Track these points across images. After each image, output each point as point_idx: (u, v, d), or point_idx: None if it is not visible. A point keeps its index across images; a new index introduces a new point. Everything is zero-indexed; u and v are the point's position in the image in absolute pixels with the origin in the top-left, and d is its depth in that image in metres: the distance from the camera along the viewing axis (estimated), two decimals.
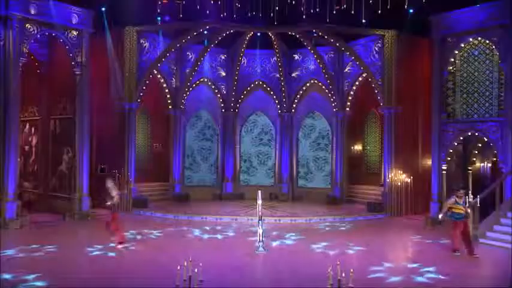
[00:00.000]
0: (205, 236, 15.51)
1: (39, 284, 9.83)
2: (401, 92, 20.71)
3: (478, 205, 15.42)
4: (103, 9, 19.54)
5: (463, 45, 17.94)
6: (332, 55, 23.93)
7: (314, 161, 24.96)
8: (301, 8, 17.86)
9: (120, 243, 13.40)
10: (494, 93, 17.27)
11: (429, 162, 19.23)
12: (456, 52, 18.08)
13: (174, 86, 23.92)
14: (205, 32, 23.01)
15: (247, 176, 25.82)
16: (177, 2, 19.39)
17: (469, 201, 15.65)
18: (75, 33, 18.62)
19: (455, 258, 12.83)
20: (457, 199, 13.40)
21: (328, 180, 24.43)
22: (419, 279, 10.72)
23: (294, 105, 25.18)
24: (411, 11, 18.52)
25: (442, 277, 10.84)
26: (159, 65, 22.35)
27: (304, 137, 25.30)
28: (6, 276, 10.20)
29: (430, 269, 11.44)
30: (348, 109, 23.58)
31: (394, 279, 10.65)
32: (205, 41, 23.70)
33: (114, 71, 20.61)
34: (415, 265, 11.85)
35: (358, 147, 24.21)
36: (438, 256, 13.00)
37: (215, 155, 25.60)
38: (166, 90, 23.64)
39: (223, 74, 25.43)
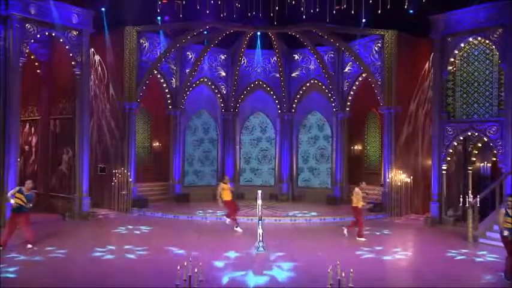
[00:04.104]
0: (205, 236, 15.50)
1: None
2: (401, 92, 20.71)
3: (478, 205, 15.43)
4: (103, 9, 19.53)
5: (463, 45, 17.93)
6: (332, 55, 23.93)
7: (314, 158, 24.91)
8: (301, 8, 17.86)
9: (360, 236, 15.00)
10: (494, 93, 17.25)
11: (429, 162, 19.23)
12: (456, 52, 18.07)
13: (174, 86, 23.90)
14: (205, 32, 23.02)
15: (247, 175, 25.82)
16: (177, 2, 19.39)
17: (469, 202, 15.71)
18: (75, 33, 18.62)
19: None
20: (508, 210, 10.63)
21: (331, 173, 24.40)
22: None
23: (294, 105, 25.16)
24: (411, 11, 18.51)
25: None
26: (159, 65, 22.35)
27: (304, 134, 25.27)
28: None
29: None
30: (347, 109, 23.56)
31: None
32: (205, 41, 23.70)
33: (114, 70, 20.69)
34: None
35: (358, 147, 24.20)
36: None
37: (215, 155, 25.58)
38: (166, 90, 23.60)
39: (223, 74, 25.43)
